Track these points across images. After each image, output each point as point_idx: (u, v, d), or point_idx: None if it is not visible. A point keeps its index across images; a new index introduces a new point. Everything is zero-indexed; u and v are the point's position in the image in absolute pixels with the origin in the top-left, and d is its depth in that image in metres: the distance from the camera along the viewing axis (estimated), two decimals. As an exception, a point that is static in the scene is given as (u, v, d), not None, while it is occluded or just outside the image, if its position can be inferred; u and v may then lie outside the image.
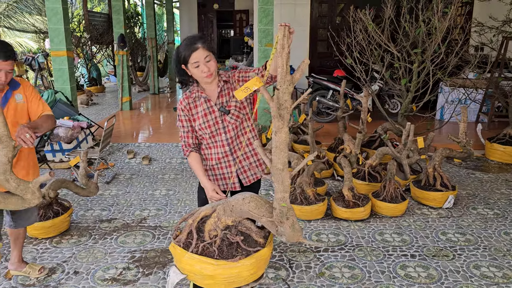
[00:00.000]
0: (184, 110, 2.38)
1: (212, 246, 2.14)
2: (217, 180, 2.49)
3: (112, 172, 5.38)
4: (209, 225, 2.18)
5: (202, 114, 2.36)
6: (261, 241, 2.29)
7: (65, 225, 3.72)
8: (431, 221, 3.96)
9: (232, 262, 2.13)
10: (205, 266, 2.07)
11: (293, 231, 2.04)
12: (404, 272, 3.09)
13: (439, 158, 4.34)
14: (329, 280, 2.99)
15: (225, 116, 2.37)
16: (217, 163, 2.44)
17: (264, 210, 2.20)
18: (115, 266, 3.18)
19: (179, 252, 2.11)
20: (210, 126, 2.36)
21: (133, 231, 3.76)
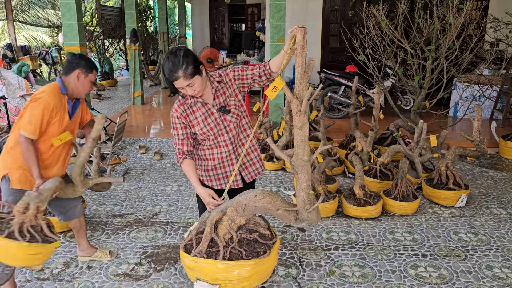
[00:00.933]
0: (180, 118, 2.35)
1: (235, 248, 2.15)
2: (219, 179, 2.49)
3: (124, 167, 5.43)
4: (223, 230, 2.19)
5: (202, 119, 2.34)
6: (268, 233, 2.32)
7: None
8: (443, 220, 3.93)
9: (265, 258, 2.16)
10: (243, 269, 2.09)
11: (317, 215, 2.21)
12: (415, 271, 3.08)
13: (452, 157, 4.29)
14: (339, 278, 2.99)
15: (225, 116, 2.37)
16: (220, 162, 2.44)
17: (279, 203, 2.24)
18: (127, 261, 3.23)
19: (209, 263, 2.09)
20: (212, 128, 2.36)
21: (145, 226, 3.80)
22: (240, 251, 2.15)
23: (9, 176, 2.63)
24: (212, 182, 2.50)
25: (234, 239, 2.18)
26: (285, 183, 4.90)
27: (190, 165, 2.34)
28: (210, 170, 2.47)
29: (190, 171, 2.34)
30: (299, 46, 1.88)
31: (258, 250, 2.21)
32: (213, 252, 2.14)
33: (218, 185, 2.50)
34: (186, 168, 2.35)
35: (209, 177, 2.48)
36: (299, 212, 2.25)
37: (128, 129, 7.12)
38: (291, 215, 2.29)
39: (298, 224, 2.30)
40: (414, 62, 5.30)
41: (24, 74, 6.45)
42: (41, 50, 10.60)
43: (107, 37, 12.88)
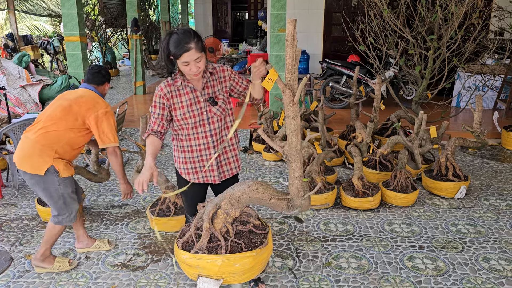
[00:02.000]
0: (163, 98, 2.32)
1: (234, 241, 2.15)
2: (196, 173, 2.47)
3: (125, 157, 5.44)
4: (219, 224, 2.19)
5: (187, 104, 2.32)
6: (259, 223, 2.32)
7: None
8: (442, 211, 3.93)
9: (264, 247, 2.16)
10: (246, 261, 2.10)
11: (309, 201, 2.23)
12: (411, 263, 3.08)
13: (452, 148, 4.27)
14: (335, 270, 3.00)
15: (210, 107, 2.37)
16: (198, 155, 2.42)
17: (272, 192, 2.25)
18: (125, 252, 3.25)
19: (211, 258, 2.08)
20: (194, 115, 2.34)
21: (143, 217, 3.82)
22: (239, 243, 2.15)
23: (54, 167, 2.82)
24: (190, 175, 2.47)
25: (231, 232, 2.18)
26: (285, 174, 4.89)
27: (154, 141, 2.29)
28: (188, 162, 2.44)
29: (150, 145, 2.27)
30: (290, 37, 1.86)
31: (255, 241, 2.21)
32: (212, 247, 2.14)
33: (195, 178, 2.47)
34: (148, 142, 2.29)
35: (186, 169, 2.45)
36: (292, 200, 2.26)
37: (129, 119, 7.12)
38: (283, 203, 2.29)
39: (290, 212, 2.31)
40: (415, 52, 5.25)
41: (24, 65, 6.45)
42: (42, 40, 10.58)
43: (109, 26, 12.83)
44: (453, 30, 4.86)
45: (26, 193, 4.35)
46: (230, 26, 15.68)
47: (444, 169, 4.28)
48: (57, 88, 6.11)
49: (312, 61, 8.93)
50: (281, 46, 6.21)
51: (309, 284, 2.84)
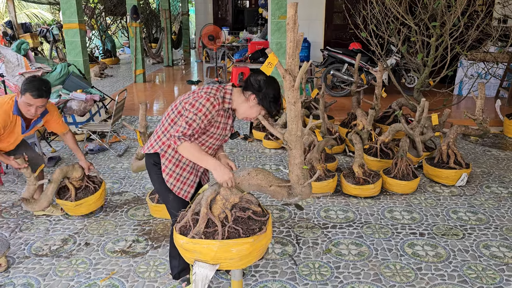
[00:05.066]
0: (211, 112, 2.21)
1: (232, 227, 2.14)
2: (184, 184, 2.43)
3: (124, 145, 5.42)
4: (217, 209, 2.17)
5: (222, 127, 2.34)
6: (259, 210, 2.31)
7: (101, 201, 3.62)
8: (443, 199, 3.91)
9: (263, 234, 2.15)
10: (243, 247, 2.08)
11: (310, 189, 2.23)
12: (411, 250, 3.07)
13: (454, 135, 4.24)
14: (335, 256, 2.99)
15: (227, 138, 2.45)
16: (191, 168, 2.43)
17: (272, 179, 2.24)
18: (125, 238, 3.24)
19: (208, 243, 2.06)
20: (218, 139, 2.37)
21: (143, 204, 3.81)
22: (237, 229, 2.13)
23: None
24: (177, 184, 2.40)
25: (229, 218, 2.17)
26: (285, 162, 4.87)
27: (195, 144, 2.23)
28: (186, 165, 2.40)
29: (197, 148, 2.23)
30: (291, 21, 1.82)
31: (254, 227, 2.19)
32: (210, 233, 2.12)
33: (180, 188, 2.41)
34: (190, 146, 2.21)
35: (175, 173, 2.40)
36: (293, 187, 2.24)
37: (129, 107, 7.09)
38: (283, 190, 2.28)
39: (291, 199, 2.30)
40: (418, 39, 5.19)
41: (23, 52, 6.39)
42: (41, 28, 10.50)
43: (109, 14, 12.73)
44: (456, 17, 4.80)
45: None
46: (230, 14, 15.53)
47: (445, 156, 4.25)
48: (56, 75, 6.06)
49: (313, 49, 8.86)
50: (282, 33, 6.15)
51: (309, 270, 2.84)
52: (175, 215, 2.46)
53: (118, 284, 2.70)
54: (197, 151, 2.22)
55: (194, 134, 2.22)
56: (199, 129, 2.21)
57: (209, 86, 2.31)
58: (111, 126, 5.08)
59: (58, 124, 3.48)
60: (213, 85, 2.33)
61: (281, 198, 2.31)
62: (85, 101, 5.71)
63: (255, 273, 2.81)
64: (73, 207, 3.41)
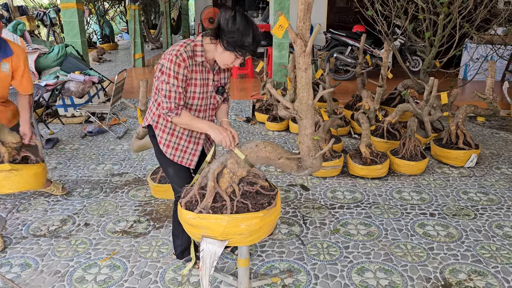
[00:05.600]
0: (186, 70, 2.04)
1: (240, 202, 2.03)
2: (185, 152, 2.30)
3: (124, 127, 5.30)
4: (224, 183, 2.05)
5: (200, 83, 2.13)
6: (267, 185, 2.20)
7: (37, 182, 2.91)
8: (452, 180, 3.80)
9: (273, 208, 2.04)
10: (252, 222, 1.97)
11: (320, 161, 2.12)
12: (422, 230, 2.97)
13: (463, 115, 4.12)
14: (344, 236, 2.89)
15: (215, 94, 2.23)
16: (188, 136, 2.28)
17: (281, 151, 2.13)
18: (125, 219, 3.14)
19: (216, 218, 1.95)
20: (201, 98, 2.17)
21: (144, 185, 3.70)
22: (246, 203, 2.02)
23: None
24: (176, 153, 2.29)
25: (237, 192, 2.05)
26: (289, 144, 4.76)
27: (184, 114, 2.12)
28: (176, 137, 2.27)
29: (195, 118, 2.13)
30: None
31: (262, 202, 2.09)
32: (217, 207, 2.01)
33: (181, 157, 2.30)
34: (190, 117, 2.11)
35: (172, 142, 2.27)
36: (303, 160, 2.13)
37: (128, 90, 6.95)
38: (293, 163, 2.17)
39: (301, 173, 2.19)
40: (425, 18, 5.04)
41: (19, 33, 6.24)
42: (38, 11, 10.30)
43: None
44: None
45: (23, 162, 4.23)
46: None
47: (454, 137, 4.14)
48: (53, 57, 5.91)
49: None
50: (285, 13, 5.99)
51: (317, 250, 2.74)
52: (178, 191, 2.36)
53: (119, 264, 2.60)
54: (188, 119, 2.11)
55: (179, 102, 2.09)
56: (181, 94, 2.08)
57: (175, 44, 2.13)
58: (111, 107, 4.95)
59: (25, 79, 2.85)
60: (179, 42, 2.12)
61: (291, 171, 2.20)
62: (83, 82, 5.57)
63: (262, 253, 2.71)
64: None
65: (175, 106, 2.07)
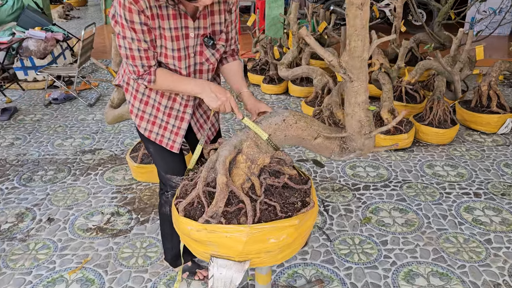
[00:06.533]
0: (142, 14, 1.33)
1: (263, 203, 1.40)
2: (165, 129, 1.63)
3: (96, 93, 4.54)
4: (239, 176, 1.41)
5: (171, 35, 1.40)
6: (295, 173, 1.57)
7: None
8: (488, 150, 3.25)
9: (310, 210, 1.43)
10: (284, 233, 1.33)
11: (373, 141, 1.51)
12: (471, 216, 2.42)
13: (497, 73, 3.52)
14: (377, 227, 2.32)
15: (203, 49, 1.50)
16: (167, 107, 1.59)
17: (318, 127, 1.51)
18: (101, 211, 2.48)
19: (233, 231, 1.30)
20: (179, 58, 1.46)
21: (122, 163, 3.03)
22: (272, 205, 1.40)
23: None
24: (153, 128, 1.63)
25: (258, 189, 1.42)
26: (291, 109, 4.09)
27: (161, 73, 1.46)
28: (152, 106, 1.60)
29: (173, 74, 1.47)
30: None
31: (293, 200, 1.46)
32: (232, 213, 1.37)
33: (159, 135, 1.64)
34: (165, 79, 1.46)
35: (147, 114, 1.61)
36: (349, 139, 1.50)
37: (100, 49, 6.10)
38: (334, 144, 1.54)
39: (344, 156, 1.57)
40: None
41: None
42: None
43: None
44: None
45: (-28, 138, 3.47)
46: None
47: (485, 99, 3.56)
48: (8, 10, 5.01)
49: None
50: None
51: (348, 248, 2.16)
52: (164, 178, 1.72)
53: (93, 277, 1.97)
54: (169, 80, 1.47)
55: (149, 63, 1.42)
56: (148, 51, 1.40)
57: None
58: (78, 69, 4.17)
59: None
60: None
61: (329, 155, 1.57)
62: (45, 40, 4.72)
63: (279, 254, 2.12)
64: None
65: (144, 70, 1.42)
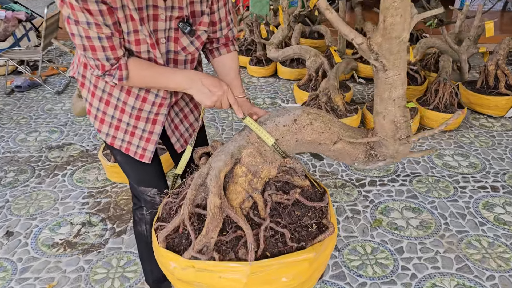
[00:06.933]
0: None
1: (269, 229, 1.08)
2: (132, 135, 1.27)
3: (66, 78, 4.10)
4: (237, 195, 1.09)
5: (139, 17, 1.05)
6: (307, 184, 1.25)
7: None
8: (498, 136, 2.99)
9: (328, 237, 1.12)
10: (297, 270, 1.02)
11: (409, 147, 1.19)
12: (491, 214, 2.16)
13: (505, 51, 3.25)
14: (390, 231, 2.03)
15: (177, 34, 1.15)
16: (134, 108, 1.23)
17: (338, 129, 1.19)
18: (69, 220, 2.13)
19: (231, 270, 0.98)
20: (153, 45, 1.10)
21: (95, 161, 2.66)
22: (280, 232, 1.08)
23: None
24: (118, 134, 1.27)
25: (262, 210, 1.10)
26: (281, 93, 3.76)
27: (144, 62, 1.12)
28: (115, 106, 1.24)
29: (155, 68, 1.12)
30: None
31: (307, 223, 1.15)
32: (228, 244, 1.05)
33: (125, 142, 1.28)
34: (142, 71, 1.11)
35: (108, 116, 1.25)
36: (381, 144, 1.20)
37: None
38: (358, 149, 1.23)
39: (369, 165, 1.28)
40: None
41: None
42: None
43: None
44: None
45: None
46: None
47: (492, 79, 3.28)
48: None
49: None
50: None
51: (359, 258, 1.87)
52: (137, 191, 1.39)
53: (60, 308, 1.64)
54: (147, 73, 1.12)
55: (117, 54, 1.06)
56: (112, 38, 1.03)
57: None
58: (42, 52, 3.72)
59: None
60: None
61: (351, 163, 1.26)
62: (5, 20, 4.24)
63: (281, 270, 1.81)
64: None
65: (111, 63, 1.06)
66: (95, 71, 1.09)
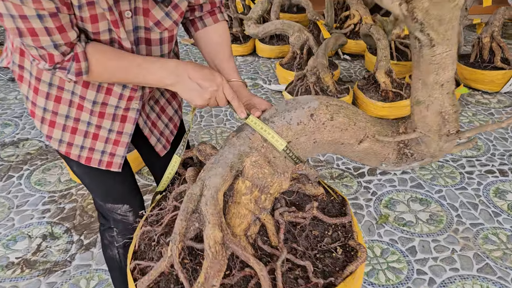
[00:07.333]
0: None
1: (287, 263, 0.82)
2: (95, 138, 0.98)
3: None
4: (241, 219, 0.83)
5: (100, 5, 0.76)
6: (320, 193, 0.99)
7: None
8: (496, 113, 2.81)
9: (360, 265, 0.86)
10: None
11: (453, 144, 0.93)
12: (504, 202, 1.97)
13: (500, 22, 3.04)
14: (399, 229, 1.81)
15: (148, 7, 0.85)
16: (95, 103, 0.93)
17: (365, 123, 0.90)
18: (27, 233, 1.81)
19: None
20: (116, 22, 0.80)
21: (56, 160, 2.32)
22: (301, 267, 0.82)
23: None
24: (75, 140, 0.98)
25: (274, 236, 0.83)
26: (262, 73, 3.46)
27: (109, 48, 0.83)
28: (69, 102, 0.93)
29: (120, 54, 0.83)
30: None
31: (329, 246, 0.89)
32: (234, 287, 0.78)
33: (84, 149, 0.99)
34: (107, 59, 0.82)
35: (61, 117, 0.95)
36: (419, 141, 0.93)
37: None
38: (388, 148, 0.97)
39: (401, 166, 1.02)
40: None
41: None
42: None
43: None
44: None
45: None
46: None
47: (487, 53, 3.08)
48: None
49: None
50: None
51: (368, 262, 1.64)
52: (104, 209, 1.12)
53: None
54: (113, 63, 0.83)
55: (68, 38, 0.76)
56: (59, 12, 0.73)
57: None
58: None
59: None
60: None
61: (378, 165, 1.00)
62: None
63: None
64: None
65: (62, 52, 0.77)
66: (41, 63, 0.78)
